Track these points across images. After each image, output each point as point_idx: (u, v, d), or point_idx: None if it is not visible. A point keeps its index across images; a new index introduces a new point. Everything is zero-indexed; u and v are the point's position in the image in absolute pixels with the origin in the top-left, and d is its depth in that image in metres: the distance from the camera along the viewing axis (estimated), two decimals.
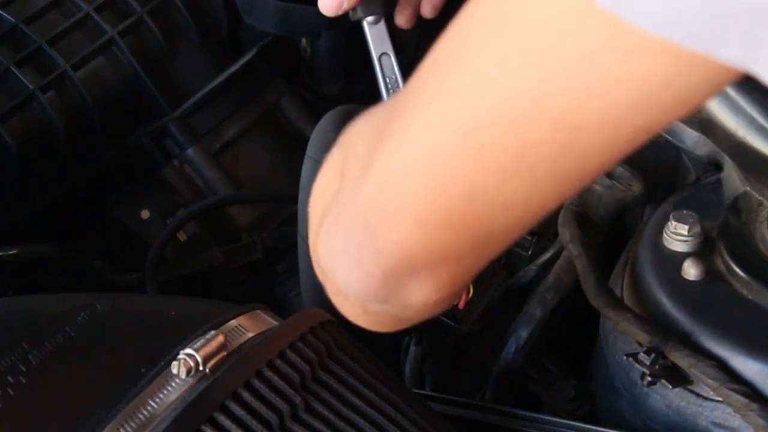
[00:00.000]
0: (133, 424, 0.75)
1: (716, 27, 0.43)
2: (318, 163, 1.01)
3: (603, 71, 0.46)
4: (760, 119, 0.86)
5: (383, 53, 1.05)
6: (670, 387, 0.91)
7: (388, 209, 0.55)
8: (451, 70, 0.51)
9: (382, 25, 1.04)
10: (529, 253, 1.13)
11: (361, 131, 0.62)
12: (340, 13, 1.00)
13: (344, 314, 0.66)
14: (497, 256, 0.59)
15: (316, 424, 0.79)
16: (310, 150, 1.02)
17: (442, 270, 0.57)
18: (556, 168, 0.51)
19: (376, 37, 1.04)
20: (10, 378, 0.77)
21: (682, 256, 0.95)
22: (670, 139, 1.06)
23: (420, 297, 0.59)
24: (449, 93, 0.51)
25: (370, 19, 1.03)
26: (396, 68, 1.05)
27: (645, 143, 0.50)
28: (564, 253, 1.06)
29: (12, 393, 0.77)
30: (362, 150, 0.58)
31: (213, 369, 0.78)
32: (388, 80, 1.06)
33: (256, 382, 0.79)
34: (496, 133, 0.50)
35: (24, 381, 0.77)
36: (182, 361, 0.78)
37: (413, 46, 1.45)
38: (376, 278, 0.58)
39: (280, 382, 0.80)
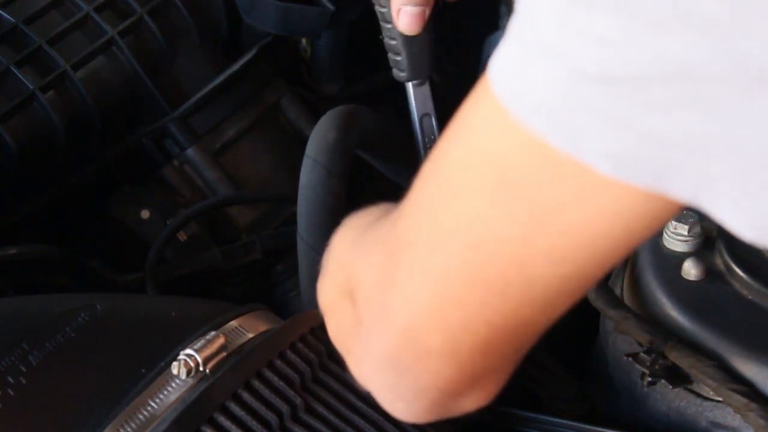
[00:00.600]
0: (133, 425, 0.75)
1: (665, 163, 0.44)
2: (317, 163, 1.01)
3: (576, 212, 0.48)
4: None
5: (425, 114, 1.05)
6: (670, 387, 0.91)
7: (417, 353, 0.57)
8: (438, 222, 0.53)
9: (426, 87, 1.04)
10: None
11: (361, 262, 0.62)
12: (420, 30, 1.00)
13: None
14: None
15: (316, 424, 0.79)
16: (310, 150, 1.02)
17: (485, 382, 0.59)
18: (564, 288, 0.53)
19: (419, 98, 1.05)
20: (10, 378, 0.77)
21: (682, 256, 0.95)
22: None
23: (471, 406, 0.61)
24: (443, 245, 0.53)
25: (416, 81, 1.04)
26: (435, 129, 1.05)
27: None
28: None
29: (12, 393, 0.77)
30: (372, 289, 0.60)
31: (213, 370, 0.78)
32: (427, 140, 1.06)
33: (256, 383, 0.79)
34: (499, 272, 0.52)
35: (24, 381, 0.78)
36: (182, 361, 0.78)
37: None
38: (424, 408, 0.60)
39: (280, 383, 0.80)
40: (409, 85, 1.04)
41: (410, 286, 0.55)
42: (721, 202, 0.45)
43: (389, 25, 1.01)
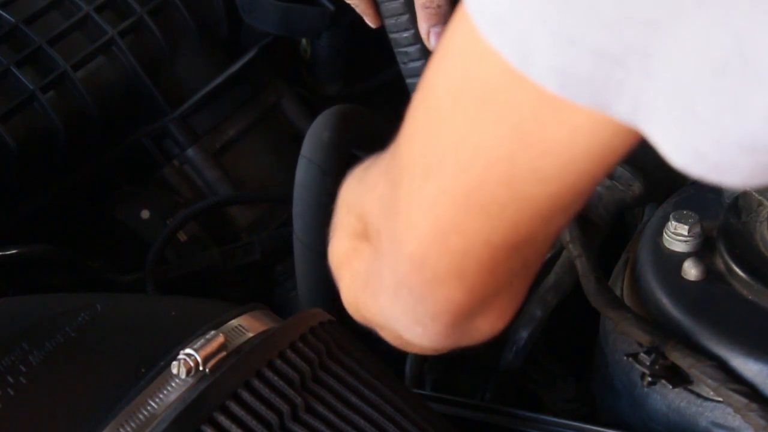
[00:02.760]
0: (133, 424, 0.75)
1: (607, 82, 0.44)
2: (312, 163, 1.01)
3: (553, 127, 0.49)
4: None
5: None
6: (670, 387, 0.91)
7: (426, 279, 0.58)
8: (430, 149, 0.54)
9: None
10: None
11: (368, 199, 0.65)
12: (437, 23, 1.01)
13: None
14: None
15: (317, 424, 0.79)
16: (305, 149, 1.02)
17: (497, 301, 0.61)
18: (557, 205, 0.54)
19: None
20: (10, 378, 0.77)
21: (682, 256, 0.95)
22: None
23: (488, 329, 0.63)
24: (436, 171, 0.54)
25: None
26: None
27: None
28: (564, 253, 1.06)
29: (12, 393, 0.77)
30: (381, 225, 0.62)
31: (213, 369, 0.78)
32: None
33: (256, 382, 0.79)
34: (490, 194, 0.53)
35: (24, 381, 0.77)
36: (182, 361, 0.78)
37: None
38: (441, 331, 0.62)
39: (281, 383, 0.80)
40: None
41: (411, 215, 0.56)
42: (654, 125, 0.45)
43: (411, 48, 1.01)
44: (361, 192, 0.66)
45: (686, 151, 0.45)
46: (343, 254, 0.68)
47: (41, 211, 1.22)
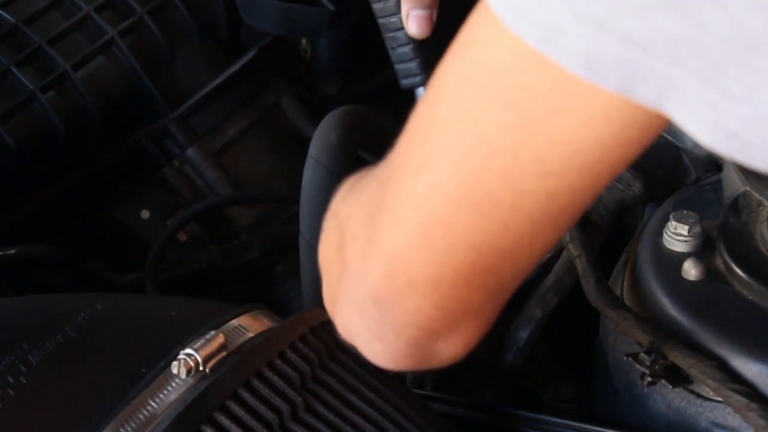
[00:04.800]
0: (133, 424, 0.75)
1: (633, 68, 0.45)
2: (320, 164, 1.01)
3: (565, 117, 0.48)
4: None
5: None
6: (670, 387, 0.91)
7: (399, 286, 0.56)
8: (431, 139, 0.53)
9: None
10: None
11: (353, 205, 0.63)
12: (429, 33, 1.01)
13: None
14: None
15: (317, 424, 0.79)
16: (312, 151, 1.02)
17: (465, 326, 0.59)
18: (552, 210, 0.53)
19: None
20: (10, 378, 0.77)
21: (682, 256, 0.95)
22: (670, 139, 1.06)
23: (449, 355, 0.61)
24: (434, 162, 0.53)
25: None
26: None
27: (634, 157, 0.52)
28: (564, 253, 1.06)
29: (12, 393, 0.77)
30: (358, 229, 0.60)
31: (213, 369, 0.78)
32: None
33: (256, 382, 0.79)
34: (487, 189, 0.52)
35: (24, 381, 0.77)
36: (182, 361, 0.78)
37: None
38: (402, 350, 0.60)
39: (281, 382, 0.80)
40: (421, 90, 1.05)
41: (397, 211, 0.55)
42: (681, 107, 0.45)
43: (399, 33, 1.01)
44: (350, 199, 0.65)
45: (717, 131, 0.45)
46: (325, 261, 0.67)
47: (41, 211, 1.22)
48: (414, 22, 1.00)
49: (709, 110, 0.44)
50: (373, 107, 1.10)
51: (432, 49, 1.03)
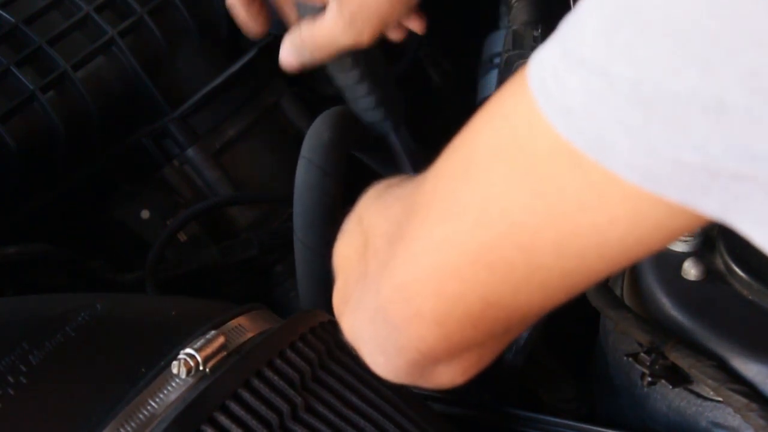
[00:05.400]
0: (133, 424, 0.75)
1: (693, 183, 0.45)
2: (312, 163, 1.01)
3: (594, 214, 0.49)
4: None
5: (412, 153, 1.06)
6: (670, 387, 0.91)
7: (406, 313, 0.57)
8: (456, 195, 0.53)
9: (404, 129, 1.05)
10: None
11: (379, 218, 0.64)
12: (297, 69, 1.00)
13: None
14: None
15: (317, 424, 0.79)
16: (305, 150, 1.02)
17: (466, 357, 0.60)
18: (565, 283, 0.54)
19: (404, 140, 1.06)
20: (10, 378, 0.77)
21: (682, 256, 0.95)
22: None
23: (447, 379, 0.62)
24: (455, 217, 0.53)
25: (396, 126, 1.05)
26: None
27: None
28: None
29: (12, 393, 0.77)
30: (380, 246, 0.61)
31: (213, 369, 0.78)
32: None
33: (257, 382, 0.79)
34: (504, 255, 0.52)
35: (24, 381, 0.77)
36: (182, 360, 0.78)
37: (413, 44, 1.45)
38: (402, 367, 0.61)
39: (281, 382, 0.80)
40: (393, 136, 1.05)
41: (415, 247, 0.56)
42: (748, 219, 0.46)
43: (357, 86, 1.01)
44: (376, 208, 0.65)
45: None
46: (343, 260, 0.68)
47: (41, 211, 1.22)
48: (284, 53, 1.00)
49: None
50: None
51: (391, 94, 1.03)
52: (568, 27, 0.47)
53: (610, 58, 0.44)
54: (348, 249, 0.67)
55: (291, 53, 0.97)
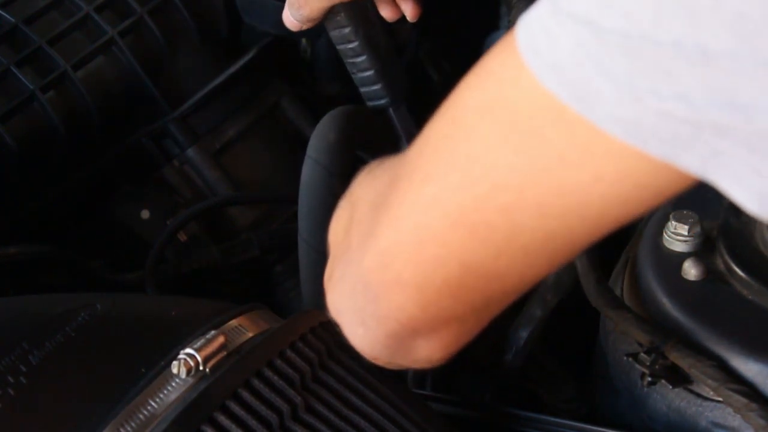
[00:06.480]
0: (133, 424, 0.75)
1: (675, 137, 0.45)
2: (318, 164, 1.01)
3: (577, 171, 0.49)
4: None
5: (411, 134, 1.06)
6: (670, 387, 0.91)
7: (387, 279, 0.57)
8: (441, 156, 0.53)
9: (404, 108, 1.05)
10: None
11: (367, 189, 0.65)
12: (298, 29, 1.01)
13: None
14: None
15: (317, 424, 0.79)
16: (311, 150, 1.02)
17: (445, 331, 0.60)
18: (547, 247, 0.53)
19: (403, 120, 1.06)
20: (10, 378, 0.77)
21: (682, 256, 0.95)
22: None
23: (425, 355, 0.62)
24: (439, 178, 0.53)
25: (395, 105, 1.05)
26: None
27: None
28: None
29: (12, 393, 0.77)
30: (364, 215, 0.61)
31: (213, 369, 0.78)
32: None
33: (257, 382, 0.79)
34: (485, 216, 0.52)
35: (24, 381, 0.77)
36: (182, 360, 0.78)
37: (413, 44, 1.45)
38: (381, 339, 0.61)
39: (281, 382, 0.80)
40: (391, 111, 1.05)
41: (398, 211, 0.56)
42: (726, 175, 0.46)
43: (359, 59, 1.01)
44: (365, 182, 0.66)
45: (764, 198, 0.45)
46: (333, 237, 0.68)
47: (41, 211, 1.22)
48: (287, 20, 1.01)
49: (756, 178, 0.45)
50: None
51: (393, 70, 1.03)
52: None
53: (600, 10, 0.44)
54: (337, 225, 0.68)
55: (286, 13, 0.98)
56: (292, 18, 0.99)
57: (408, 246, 0.56)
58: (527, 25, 0.49)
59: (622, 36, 0.44)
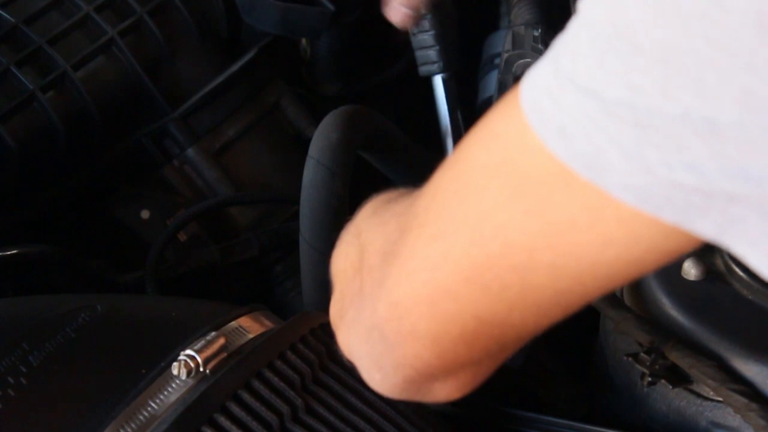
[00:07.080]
0: (133, 425, 0.75)
1: (688, 204, 0.45)
2: (320, 164, 1.01)
3: (588, 235, 0.48)
4: None
5: (453, 107, 1.06)
6: (670, 387, 0.91)
7: (402, 330, 0.57)
8: (450, 212, 0.53)
9: (453, 82, 1.06)
10: None
11: (375, 234, 0.64)
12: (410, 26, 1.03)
13: None
14: None
15: (317, 425, 0.79)
16: (312, 150, 1.02)
17: (462, 374, 0.60)
18: (560, 302, 0.53)
19: (448, 92, 1.06)
20: (10, 379, 0.77)
21: (682, 256, 0.95)
22: None
23: (443, 395, 0.62)
24: (449, 234, 0.53)
25: (445, 74, 1.05)
26: (461, 123, 1.07)
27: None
28: None
29: (12, 394, 0.77)
30: (376, 263, 0.61)
31: (213, 370, 0.78)
32: (455, 134, 1.08)
33: (257, 384, 0.79)
34: (498, 273, 0.52)
35: (24, 382, 0.78)
36: (183, 362, 0.78)
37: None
38: (398, 384, 0.61)
39: (281, 384, 0.80)
40: (438, 78, 1.05)
41: (409, 265, 0.56)
42: (741, 240, 0.46)
43: (424, 19, 1.03)
44: (373, 223, 0.65)
45: None
46: (340, 273, 0.68)
47: (41, 211, 1.22)
48: (396, 13, 1.01)
49: None
50: (373, 107, 1.10)
51: (451, 40, 1.04)
52: (561, 45, 0.47)
53: (603, 80, 0.44)
54: (345, 262, 0.67)
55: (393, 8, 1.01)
56: (399, 7, 1.01)
57: (421, 299, 0.56)
58: (531, 83, 0.48)
59: (628, 108, 0.44)
